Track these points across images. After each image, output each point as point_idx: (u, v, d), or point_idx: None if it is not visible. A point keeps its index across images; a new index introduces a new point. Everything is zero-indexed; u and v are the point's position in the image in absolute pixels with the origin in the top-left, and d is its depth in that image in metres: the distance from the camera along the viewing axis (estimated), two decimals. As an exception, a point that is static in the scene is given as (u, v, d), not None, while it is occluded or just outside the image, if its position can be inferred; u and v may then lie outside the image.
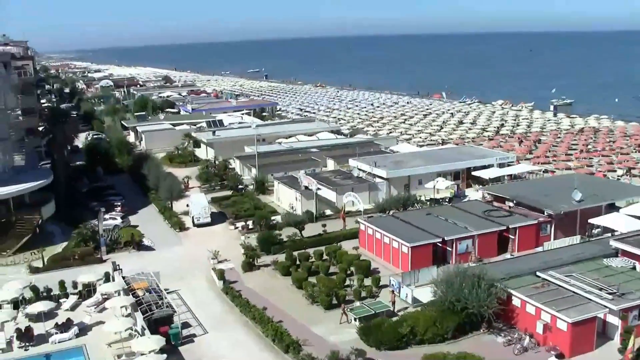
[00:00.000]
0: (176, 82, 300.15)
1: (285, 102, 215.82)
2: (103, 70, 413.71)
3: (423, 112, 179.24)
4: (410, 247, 61.80)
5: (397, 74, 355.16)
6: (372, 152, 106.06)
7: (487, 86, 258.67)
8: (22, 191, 79.41)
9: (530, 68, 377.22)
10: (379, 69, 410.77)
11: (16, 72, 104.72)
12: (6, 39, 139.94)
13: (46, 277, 64.88)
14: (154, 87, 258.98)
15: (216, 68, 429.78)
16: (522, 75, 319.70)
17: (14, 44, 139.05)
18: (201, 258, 69.08)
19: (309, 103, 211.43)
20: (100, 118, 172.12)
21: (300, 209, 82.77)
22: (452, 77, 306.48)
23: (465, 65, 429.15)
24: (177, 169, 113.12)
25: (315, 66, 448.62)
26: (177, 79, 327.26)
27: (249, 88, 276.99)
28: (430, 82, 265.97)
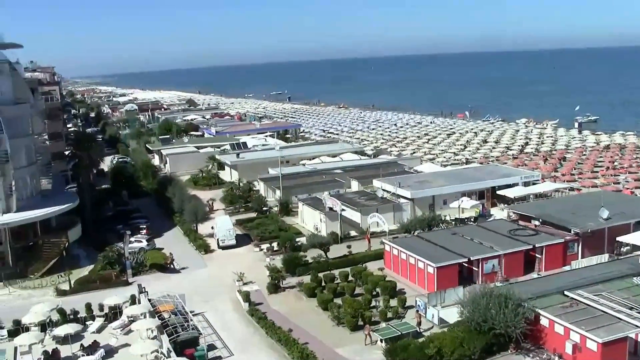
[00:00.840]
0: (200, 105, 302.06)
1: (308, 123, 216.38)
2: (128, 94, 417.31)
3: (446, 132, 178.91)
4: (435, 268, 61.47)
5: (420, 94, 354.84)
6: (396, 173, 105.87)
7: (511, 104, 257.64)
8: (49, 215, 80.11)
9: (554, 85, 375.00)
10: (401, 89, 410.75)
11: (43, 97, 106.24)
12: (34, 66, 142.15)
13: (73, 300, 65.44)
14: (178, 111, 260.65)
15: (239, 91, 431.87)
16: (546, 93, 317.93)
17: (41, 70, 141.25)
18: (226, 280, 69.23)
19: (332, 124, 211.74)
20: (125, 142, 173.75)
21: (325, 231, 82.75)
22: (475, 96, 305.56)
23: (488, 83, 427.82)
24: (202, 191, 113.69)
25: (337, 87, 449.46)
26: (201, 102, 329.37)
27: (272, 110, 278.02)
28: (453, 102, 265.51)
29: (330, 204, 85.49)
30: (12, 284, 72.15)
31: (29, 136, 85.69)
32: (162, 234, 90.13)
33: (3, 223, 75.06)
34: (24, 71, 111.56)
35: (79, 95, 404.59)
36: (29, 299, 67.96)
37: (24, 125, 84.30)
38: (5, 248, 76.17)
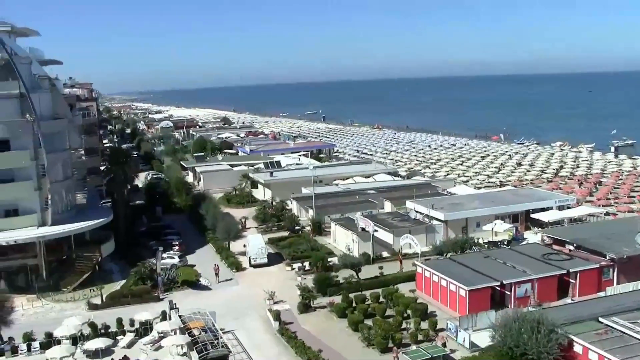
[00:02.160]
0: (235, 123, 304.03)
1: (342, 143, 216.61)
2: (163, 111, 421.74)
3: (481, 154, 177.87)
4: (467, 291, 60.97)
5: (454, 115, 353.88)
6: (430, 194, 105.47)
7: (546, 127, 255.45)
8: (83, 229, 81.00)
9: (590, 109, 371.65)
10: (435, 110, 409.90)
11: (81, 113, 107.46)
12: (72, 82, 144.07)
13: (104, 314, 65.92)
14: (212, 128, 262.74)
15: (274, 110, 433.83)
16: (582, 116, 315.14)
17: (79, 86, 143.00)
18: (257, 298, 69.25)
19: (366, 145, 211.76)
20: (160, 158, 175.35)
21: (357, 251, 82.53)
22: (509, 118, 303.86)
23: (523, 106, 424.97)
24: (235, 209, 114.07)
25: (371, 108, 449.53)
26: (235, 120, 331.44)
27: (306, 130, 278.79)
28: (487, 124, 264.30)
29: (363, 224, 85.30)
30: (45, 297, 73.02)
31: (66, 151, 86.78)
32: (194, 250, 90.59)
33: (38, 236, 76.00)
34: (63, 87, 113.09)
35: (116, 112, 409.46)
36: (61, 312, 68.71)
37: (61, 140, 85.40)
38: (40, 261, 77.06)
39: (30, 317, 68.22)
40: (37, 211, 77.75)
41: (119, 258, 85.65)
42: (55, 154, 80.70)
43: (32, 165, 77.21)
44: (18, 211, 77.57)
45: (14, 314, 61.93)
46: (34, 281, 76.15)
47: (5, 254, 76.17)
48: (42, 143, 76.64)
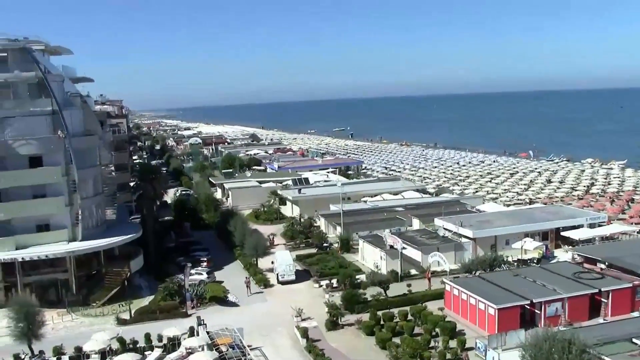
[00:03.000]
0: (263, 140, 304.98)
1: (370, 160, 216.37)
2: (192, 128, 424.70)
3: (510, 171, 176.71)
4: (497, 309, 60.50)
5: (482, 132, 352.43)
6: (458, 212, 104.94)
7: (576, 144, 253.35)
8: (113, 244, 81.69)
9: (622, 125, 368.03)
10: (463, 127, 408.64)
11: (111, 129, 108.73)
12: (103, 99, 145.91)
13: (133, 329, 66.32)
14: (241, 145, 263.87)
15: (302, 126, 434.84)
16: (613, 133, 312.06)
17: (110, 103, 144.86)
18: (285, 315, 69.20)
19: (394, 162, 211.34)
20: (189, 174, 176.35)
21: (385, 268, 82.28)
22: (539, 135, 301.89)
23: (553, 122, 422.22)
24: (263, 225, 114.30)
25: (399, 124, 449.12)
26: (264, 137, 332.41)
27: (334, 146, 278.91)
28: (516, 141, 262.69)
29: (391, 241, 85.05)
30: (74, 311, 73.76)
31: (96, 167, 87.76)
32: (222, 267, 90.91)
33: (69, 251, 76.79)
34: (94, 104, 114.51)
35: (145, 128, 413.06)
36: (90, 327, 69.24)
37: (92, 156, 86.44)
38: (70, 276, 77.88)
39: (60, 331, 68.93)
40: (68, 226, 78.69)
41: (148, 273, 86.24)
42: (86, 170, 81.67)
43: (64, 181, 78.23)
44: (49, 226, 78.60)
45: (45, 328, 62.41)
46: (64, 295, 77.03)
47: (36, 268, 77.23)
48: (73, 159, 77.63)
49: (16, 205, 76.31)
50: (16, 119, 76.84)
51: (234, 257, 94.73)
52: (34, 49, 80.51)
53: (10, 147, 76.03)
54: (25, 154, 76.72)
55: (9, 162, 76.21)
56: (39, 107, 77.94)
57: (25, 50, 79.01)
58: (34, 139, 76.91)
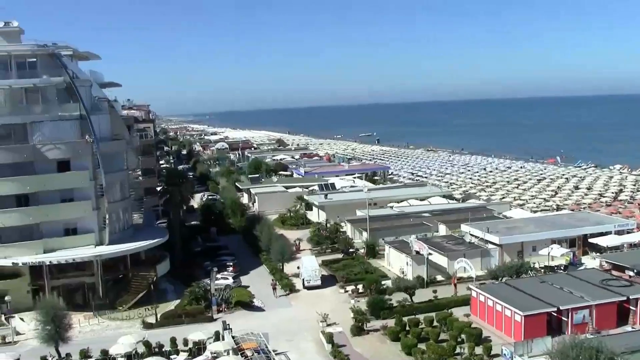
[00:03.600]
0: (289, 145, 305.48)
1: (397, 166, 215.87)
2: (219, 133, 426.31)
3: (537, 177, 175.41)
4: (523, 316, 60.02)
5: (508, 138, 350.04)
6: (485, 218, 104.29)
7: (604, 150, 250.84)
8: (139, 249, 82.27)
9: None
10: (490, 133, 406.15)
11: (138, 134, 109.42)
12: (130, 103, 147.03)
13: (158, 333, 66.71)
14: (267, 150, 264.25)
15: (329, 132, 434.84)
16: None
17: (137, 108, 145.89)
18: (310, 320, 69.21)
19: (420, 167, 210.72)
20: (215, 179, 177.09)
21: (411, 274, 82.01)
22: (566, 141, 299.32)
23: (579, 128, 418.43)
24: (289, 231, 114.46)
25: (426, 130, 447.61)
26: (290, 142, 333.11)
27: (361, 152, 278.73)
28: (543, 147, 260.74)
29: (417, 247, 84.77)
30: (101, 315, 74.26)
31: (123, 171, 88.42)
32: (248, 271, 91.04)
33: (96, 255, 77.43)
34: (121, 109, 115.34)
35: (172, 133, 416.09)
36: (116, 330, 69.71)
37: (119, 160, 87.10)
38: (97, 279, 78.40)
39: (87, 334, 69.46)
40: (95, 230, 79.39)
41: (174, 278, 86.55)
42: (113, 174, 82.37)
43: (91, 185, 78.97)
44: (77, 230, 79.37)
45: (72, 331, 62.96)
46: (91, 299, 77.49)
47: (64, 271, 77.85)
48: (100, 163, 78.32)
49: (44, 209, 77.14)
50: (45, 124, 77.71)
51: (260, 262, 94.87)
52: (62, 54, 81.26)
53: (39, 151, 76.85)
54: (53, 158, 77.53)
55: (38, 166, 77.06)
56: (67, 112, 78.73)
57: (54, 55, 79.77)
58: (62, 144, 77.70)
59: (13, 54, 78.62)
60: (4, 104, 78.35)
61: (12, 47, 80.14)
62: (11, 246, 76.44)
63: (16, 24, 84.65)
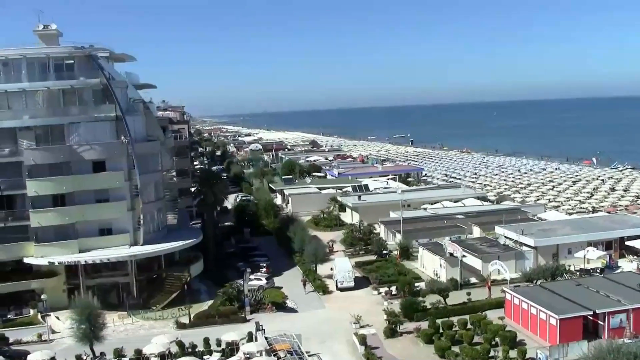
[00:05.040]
0: (323, 146, 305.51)
1: (430, 167, 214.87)
2: (253, 134, 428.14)
3: (572, 179, 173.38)
4: (558, 319, 59.32)
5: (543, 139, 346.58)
6: (519, 220, 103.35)
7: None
8: (174, 249, 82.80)
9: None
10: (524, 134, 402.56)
11: (173, 135, 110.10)
12: (165, 105, 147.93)
13: (192, 333, 67.05)
14: (301, 151, 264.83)
15: (362, 133, 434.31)
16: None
17: (172, 109, 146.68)
18: (343, 322, 69.05)
19: (454, 169, 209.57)
20: (249, 180, 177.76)
21: (445, 276, 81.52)
22: (603, 142, 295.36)
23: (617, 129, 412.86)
24: (322, 232, 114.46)
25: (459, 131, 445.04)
26: (323, 143, 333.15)
27: (394, 153, 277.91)
28: (579, 148, 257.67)
29: (451, 249, 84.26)
30: (135, 314, 74.77)
31: (158, 172, 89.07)
32: (281, 272, 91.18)
33: (130, 255, 78.07)
34: (156, 110, 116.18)
35: (206, 134, 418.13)
36: (150, 330, 70.21)
37: (154, 161, 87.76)
38: (131, 279, 79.11)
39: (121, 333, 70.08)
40: (130, 231, 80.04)
41: (207, 278, 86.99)
42: (148, 175, 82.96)
43: (126, 186, 79.69)
44: (112, 230, 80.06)
45: (106, 330, 63.54)
46: (125, 299, 78.18)
47: (98, 271, 78.72)
48: (135, 164, 78.93)
49: (80, 209, 78.03)
50: (81, 125, 78.65)
51: (293, 263, 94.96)
52: (99, 56, 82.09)
53: (75, 152, 77.74)
54: (89, 159, 78.37)
55: (74, 166, 77.94)
56: (103, 113, 79.57)
57: (91, 57, 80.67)
58: (98, 144, 78.55)
59: (51, 56, 79.82)
60: (42, 105, 79.68)
61: (50, 49, 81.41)
62: (48, 245, 77.50)
63: (54, 27, 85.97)
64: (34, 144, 77.61)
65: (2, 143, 78.16)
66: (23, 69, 79.19)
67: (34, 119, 78.16)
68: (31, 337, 69.31)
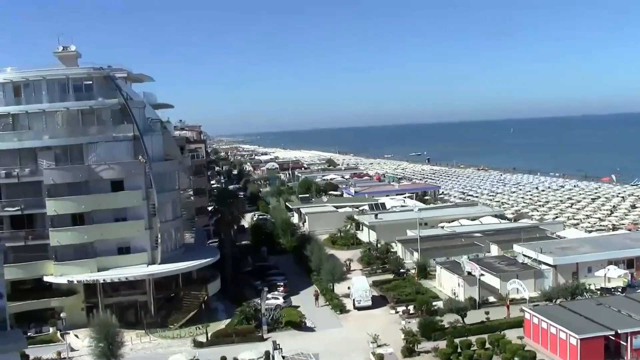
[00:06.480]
0: (339, 164, 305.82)
1: (447, 185, 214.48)
2: (269, 153, 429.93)
3: (591, 196, 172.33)
4: (579, 339, 58.76)
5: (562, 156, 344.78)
6: (538, 238, 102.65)
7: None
8: (191, 268, 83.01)
9: None
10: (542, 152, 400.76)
11: (190, 154, 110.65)
12: (182, 124, 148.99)
13: (209, 352, 67.19)
14: (317, 170, 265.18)
15: (379, 151, 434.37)
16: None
17: (189, 129, 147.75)
18: (360, 341, 68.85)
19: (471, 186, 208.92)
20: (266, 199, 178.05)
21: (463, 295, 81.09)
22: (621, 159, 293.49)
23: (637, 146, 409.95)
24: (340, 251, 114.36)
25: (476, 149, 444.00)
26: (340, 161, 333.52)
27: (411, 171, 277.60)
28: (597, 165, 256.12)
29: (469, 268, 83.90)
30: (153, 333, 75.02)
31: (175, 191, 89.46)
32: (298, 291, 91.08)
33: (148, 274, 78.32)
34: (174, 129, 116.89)
35: (223, 153, 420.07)
36: (168, 349, 70.35)
37: (171, 180, 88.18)
38: (149, 298, 79.36)
39: (139, 351, 70.29)
40: (148, 249, 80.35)
41: (225, 297, 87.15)
42: (166, 194, 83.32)
43: (144, 205, 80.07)
44: (130, 249, 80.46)
45: (124, 348, 63.64)
46: (143, 317, 78.37)
47: (117, 290, 79.22)
48: (153, 183, 79.40)
49: (99, 228, 78.50)
50: (99, 144, 79.36)
51: (311, 282, 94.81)
52: (117, 76, 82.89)
53: (94, 171, 78.34)
54: (107, 178, 78.96)
55: (92, 186, 78.53)
56: (121, 133, 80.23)
57: (109, 78, 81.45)
58: (116, 164, 79.13)
59: (70, 77, 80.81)
60: (62, 126, 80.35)
61: (69, 70, 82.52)
62: (67, 264, 78.05)
63: (73, 48, 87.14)
64: (54, 163, 78.43)
65: (23, 163, 79.06)
66: (43, 90, 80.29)
67: (54, 139, 79.06)
68: (51, 354, 69.64)
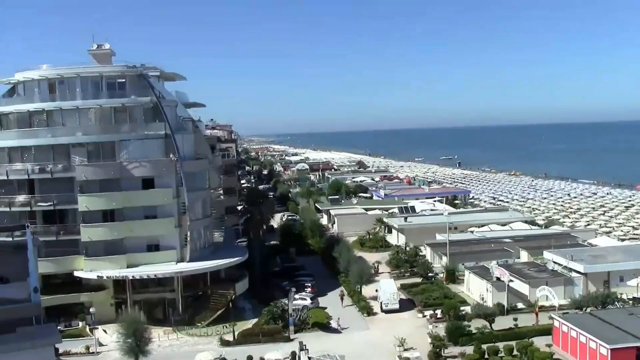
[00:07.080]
0: (369, 167, 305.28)
1: (478, 190, 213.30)
2: (300, 154, 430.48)
3: (625, 204, 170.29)
4: (610, 349, 57.97)
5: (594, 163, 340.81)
6: (569, 245, 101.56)
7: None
8: (219, 267, 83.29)
9: None
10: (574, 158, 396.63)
11: (220, 154, 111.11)
12: (214, 123, 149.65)
13: (235, 351, 67.46)
14: (348, 172, 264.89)
15: (409, 154, 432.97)
16: None
17: (220, 128, 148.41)
18: (387, 344, 68.63)
19: (502, 192, 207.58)
20: (295, 200, 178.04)
21: (491, 301, 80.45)
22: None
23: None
24: (368, 253, 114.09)
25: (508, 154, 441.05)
26: (370, 164, 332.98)
27: (441, 175, 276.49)
28: (631, 172, 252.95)
29: (498, 273, 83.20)
30: (180, 330, 75.46)
31: (205, 190, 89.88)
32: (326, 293, 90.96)
33: (177, 271, 78.76)
34: (205, 128, 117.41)
35: (253, 153, 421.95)
36: (194, 346, 70.70)
37: (201, 179, 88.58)
38: (177, 295, 79.77)
39: (166, 348, 70.73)
40: (177, 247, 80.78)
41: (252, 297, 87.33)
42: (196, 192, 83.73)
43: (174, 203, 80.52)
44: (159, 246, 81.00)
45: (151, 345, 64.04)
46: (171, 314, 78.87)
47: (145, 286, 79.65)
48: (183, 182, 79.79)
49: (129, 225, 79.16)
50: (131, 142, 79.95)
51: (338, 284, 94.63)
52: (149, 75, 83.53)
53: (125, 168, 78.95)
54: (138, 176, 79.55)
55: (124, 183, 79.20)
56: (153, 131, 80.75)
57: (142, 76, 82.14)
58: (147, 162, 79.68)
59: (104, 74, 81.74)
60: (94, 123, 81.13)
61: (103, 68, 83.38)
62: (97, 260, 78.85)
63: (107, 47, 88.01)
64: (86, 160, 79.11)
65: (56, 159, 79.91)
66: (77, 87, 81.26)
67: (86, 136, 79.81)
68: (79, 349, 70.57)
